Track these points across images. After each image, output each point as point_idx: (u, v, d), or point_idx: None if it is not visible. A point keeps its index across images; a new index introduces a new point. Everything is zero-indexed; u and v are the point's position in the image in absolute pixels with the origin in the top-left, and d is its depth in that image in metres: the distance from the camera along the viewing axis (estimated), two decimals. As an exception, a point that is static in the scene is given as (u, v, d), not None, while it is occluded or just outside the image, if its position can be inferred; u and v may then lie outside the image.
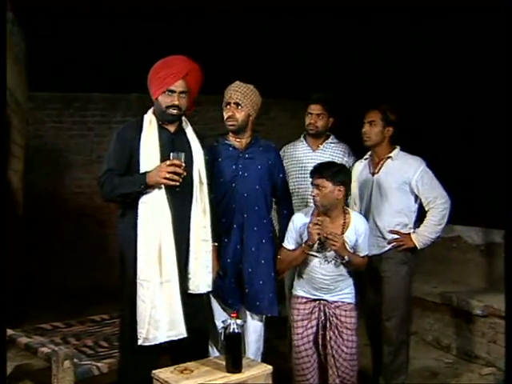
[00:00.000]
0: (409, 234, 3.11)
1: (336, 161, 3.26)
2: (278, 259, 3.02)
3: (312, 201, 2.86)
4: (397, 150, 3.17)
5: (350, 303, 2.87)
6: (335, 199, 2.75)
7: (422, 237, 3.10)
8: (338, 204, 2.79)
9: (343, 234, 2.78)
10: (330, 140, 3.47)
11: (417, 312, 4.18)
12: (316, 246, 2.77)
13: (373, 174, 3.18)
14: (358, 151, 3.38)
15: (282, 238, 3.12)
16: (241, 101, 2.99)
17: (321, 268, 2.82)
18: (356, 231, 2.81)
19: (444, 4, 4.01)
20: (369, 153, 3.25)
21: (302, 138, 3.54)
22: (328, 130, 3.49)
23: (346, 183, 2.80)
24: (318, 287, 2.85)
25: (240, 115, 3.01)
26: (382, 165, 3.16)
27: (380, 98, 3.27)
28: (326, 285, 2.83)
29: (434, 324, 4.21)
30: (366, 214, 3.15)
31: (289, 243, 2.90)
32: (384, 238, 3.12)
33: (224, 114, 3.06)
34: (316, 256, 2.82)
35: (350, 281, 2.89)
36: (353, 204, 3.25)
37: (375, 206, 3.14)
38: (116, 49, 5.25)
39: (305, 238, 2.80)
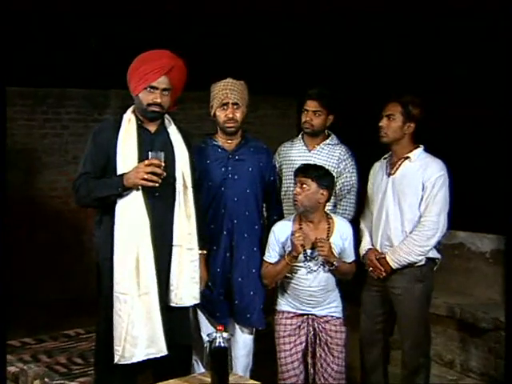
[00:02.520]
0: (383, 256, 2.96)
1: (331, 164, 3.26)
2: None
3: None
4: (418, 150, 2.99)
5: (339, 318, 2.91)
6: (317, 202, 2.79)
7: (398, 256, 2.91)
8: (319, 208, 2.82)
9: (329, 239, 2.80)
10: (328, 141, 3.36)
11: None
12: (301, 255, 2.79)
13: (388, 175, 3.03)
14: (368, 152, 3.22)
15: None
16: (239, 100, 2.98)
17: (307, 279, 2.83)
18: (341, 235, 2.85)
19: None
20: (390, 152, 3.10)
21: (299, 137, 3.46)
22: (328, 128, 3.40)
23: (330, 189, 2.83)
24: (306, 301, 2.86)
25: (239, 115, 3.00)
26: (400, 165, 2.99)
27: (397, 90, 3.12)
28: (314, 297, 2.84)
29: (436, 338, 4.19)
30: (377, 219, 3.05)
31: (270, 256, 2.90)
32: None
33: (220, 114, 3.01)
34: (301, 266, 2.82)
35: (337, 293, 2.93)
36: (366, 209, 3.19)
37: (387, 210, 2.99)
38: (94, 41, 5.22)
39: (288, 249, 2.82)
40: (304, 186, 2.77)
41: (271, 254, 2.89)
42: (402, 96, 3.01)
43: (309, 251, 2.81)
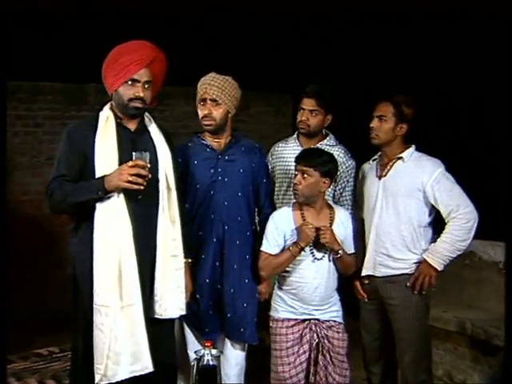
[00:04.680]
0: (421, 262, 2.97)
1: None
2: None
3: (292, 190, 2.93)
4: (410, 150, 3.05)
5: (341, 323, 2.96)
6: (318, 191, 2.86)
7: (441, 256, 2.94)
8: (321, 195, 2.90)
9: (331, 226, 2.90)
10: (325, 141, 3.38)
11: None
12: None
13: (380, 178, 3.08)
14: (364, 152, 3.29)
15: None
16: (218, 97, 2.97)
17: (311, 270, 2.87)
18: (343, 223, 2.93)
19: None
20: (379, 153, 3.16)
21: (294, 136, 3.48)
22: (326, 128, 3.42)
23: (333, 175, 2.90)
24: (309, 298, 2.88)
25: (218, 113, 3.00)
26: (391, 167, 3.05)
27: (392, 89, 3.16)
28: (318, 293, 2.88)
29: (445, 356, 4.20)
30: (369, 225, 3.08)
31: (270, 246, 2.91)
32: (389, 256, 3.02)
33: (199, 111, 3.04)
34: (305, 256, 2.87)
35: (338, 297, 2.99)
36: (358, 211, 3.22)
37: (380, 215, 3.04)
38: (70, 30, 5.20)
39: (290, 238, 2.87)
40: (305, 175, 2.81)
41: (270, 244, 2.91)
42: (394, 95, 3.05)
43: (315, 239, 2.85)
